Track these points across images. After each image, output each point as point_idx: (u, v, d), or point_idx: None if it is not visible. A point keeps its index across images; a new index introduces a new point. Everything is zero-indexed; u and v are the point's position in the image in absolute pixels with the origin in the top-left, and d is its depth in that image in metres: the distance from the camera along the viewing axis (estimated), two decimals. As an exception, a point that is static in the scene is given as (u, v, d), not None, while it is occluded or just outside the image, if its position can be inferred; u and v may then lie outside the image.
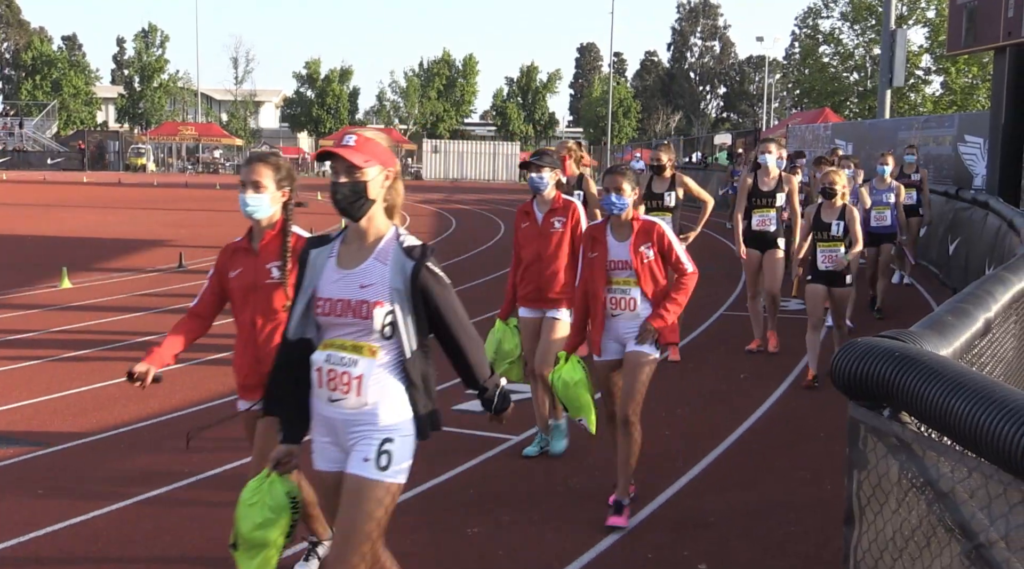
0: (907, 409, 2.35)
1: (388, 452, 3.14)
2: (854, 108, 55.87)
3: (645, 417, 7.16)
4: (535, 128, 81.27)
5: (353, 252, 3.23)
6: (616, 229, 5.21)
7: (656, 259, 5.12)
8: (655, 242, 5.12)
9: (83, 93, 76.90)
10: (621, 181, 5.08)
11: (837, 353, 2.58)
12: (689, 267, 5.12)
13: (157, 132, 71.10)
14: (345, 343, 3.15)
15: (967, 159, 19.59)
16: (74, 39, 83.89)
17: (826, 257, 8.16)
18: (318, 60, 78.82)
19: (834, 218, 8.16)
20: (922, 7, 52.64)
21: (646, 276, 5.10)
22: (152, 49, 77.62)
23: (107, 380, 7.94)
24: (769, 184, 9.44)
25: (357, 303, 3.12)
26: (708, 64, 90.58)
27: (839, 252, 8.12)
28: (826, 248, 8.17)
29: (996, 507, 2.01)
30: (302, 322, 3.24)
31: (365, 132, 3.24)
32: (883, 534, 2.44)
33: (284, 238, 4.06)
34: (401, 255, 3.16)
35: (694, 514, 5.30)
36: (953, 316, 3.18)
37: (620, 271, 5.12)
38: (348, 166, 3.11)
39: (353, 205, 3.16)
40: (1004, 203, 11.72)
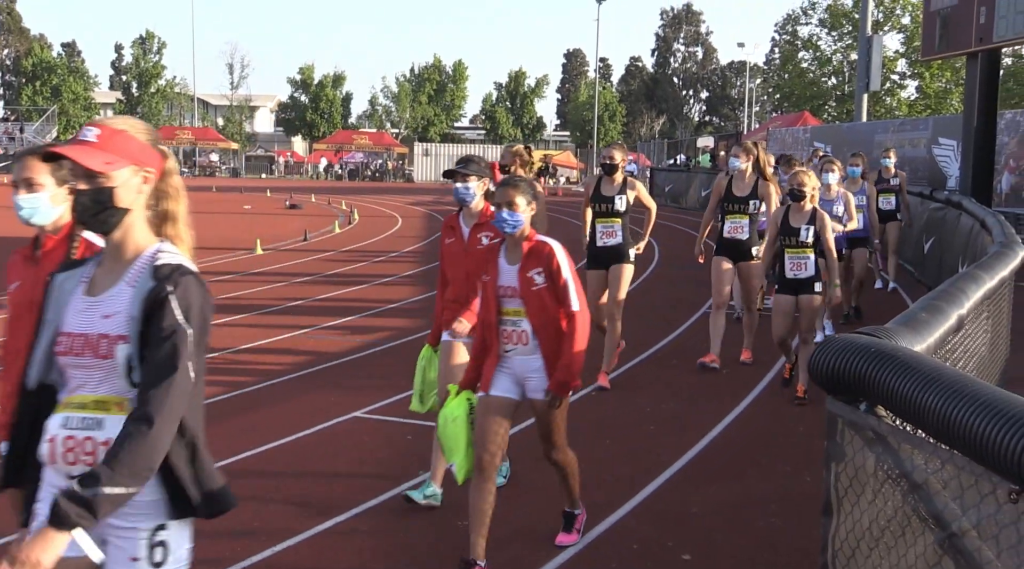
0: (883, 403, 2.36)
1: (163, 542, 2.38)
2: (832, 112, 56.04)
3: (631, 413, 7.19)
4: (523, 132, 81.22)
5: (104, 275, 2.44)
6: (509, 250, 4.44)
7: (547, 286, 4.34)
8: (545, 266, 4.33)
9: (82, 98, 76.55)
10: (514, 195, 4.33)
11: (816, 350, 2.59)
12: (575, 304, 4.31)
13: (155, 136, 70.77)
14: (86, 400, 2.37)
15: (941, 161, 19.68)
16: (73, 46, 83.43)
17: (794, 264, 7.46)
18: (312, 66, 78.58)
19: (803, 223, 7.43)
20: (897, 14, 52.85)
21: (533, 306, 4.34)
22: (150, 55, 77.35)
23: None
24: (744, 189, 8.63)
25: (96, 338, 2.35)
26: (691, 69, 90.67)
27: (809, 260, 7.45)
28: (794, 255, 7.46)
29: (968, 497, 2.02)
30: (45, 365, 2.45)
31: (115, 123, 2.46)
32: (860, 524, 2.45)
33: (70, 245, 3.28)
34: (147, 275, 2.38)
35: (678, 506, 5.31)
36: (927, 313, 3.20)
37: (509, 300, 4.37)
38: (85, 171, 2.36)
39: (96, 217, 2.38)
40: (976, 203, 11.75)
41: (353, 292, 13.28)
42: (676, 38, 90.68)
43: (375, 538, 4.77)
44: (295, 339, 9.80)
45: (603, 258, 7.95)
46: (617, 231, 7.89)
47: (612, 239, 7.89)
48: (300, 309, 11.76)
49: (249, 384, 7.84)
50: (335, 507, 5.14)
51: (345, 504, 5.19)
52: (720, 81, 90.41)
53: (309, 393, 7.64)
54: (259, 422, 6.78)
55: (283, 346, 9.44)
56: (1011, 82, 46.17)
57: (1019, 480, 1.79)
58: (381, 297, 12.70)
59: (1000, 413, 1.87)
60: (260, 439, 6.29)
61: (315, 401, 7.32)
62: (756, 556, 4.65)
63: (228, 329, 10.06)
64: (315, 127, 76.79)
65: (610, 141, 74.53)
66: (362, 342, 9.62)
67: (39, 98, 74.47)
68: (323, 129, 76.17)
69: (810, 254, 7.41)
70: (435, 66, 79.84)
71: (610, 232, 7.89)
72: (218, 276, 14.56)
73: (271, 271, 15.31)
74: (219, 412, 7.07)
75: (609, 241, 7.90)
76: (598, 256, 7.95)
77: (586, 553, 4.65)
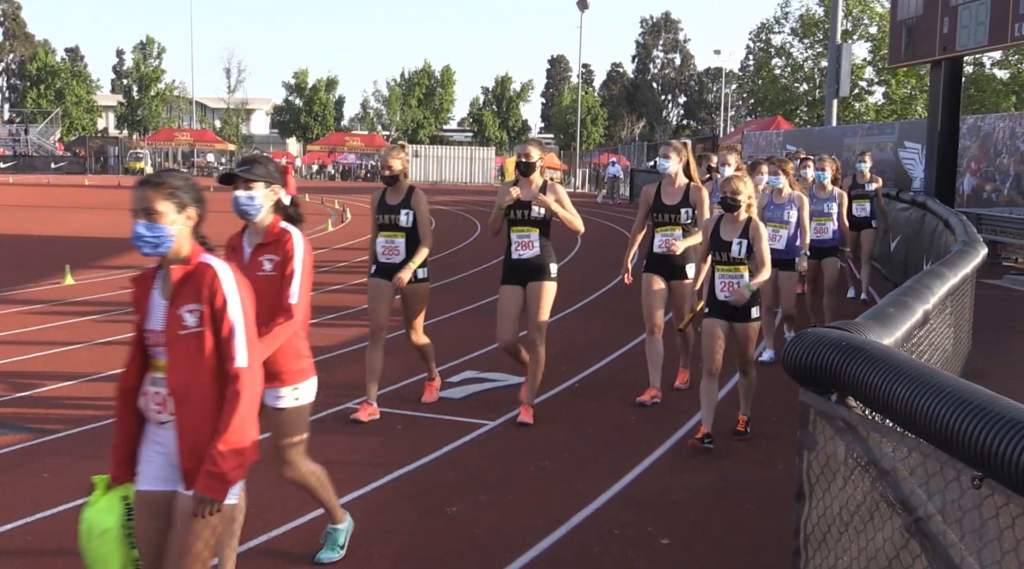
0: (853, 394, 2.37)
1: None
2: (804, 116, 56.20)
3: (616, 404, 7.19)
4: (509, 134, 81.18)
5: None
6: (165, 278, 3.08)
7: (200, 330, 2.93)
8: (205, 299, 2.94)
9: (84, 101, 76.05)
10: (153, 199, 3.02)
11: (789, 344, 2.60)
12: (240, 359, 2.92)
13: (154, 138, 70.59)
14: None
15: (906, 163, 19.78)
16: (76, 51, 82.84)
17: (726, 284, 6.08)
18: (306, 70, 78.26)
19: (735, 235, 6.06)
20: (865, 23, 53.01)
21: (175, 358, 2.92)
22: (150, 60, 76.89)
23: (109, 370, 7.86)
24: (674, 196, 7.11)
25: None
26: (669, 75, 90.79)
27: (741, 279, 6.05)
28: (726, 272, 6.10)
29: (933, 483, 2.03)
30: None
31: None
32: (831, 510, 2.46)
33: None
34: None
35: (658, 493, 5.32)
36: (894, 308, 3.22)
37: (156, 348, 3.01)
38: None
39: None
40: (940, 204, 11.82)
41: (345, 287, 13.25)
42: (655, 45, 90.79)
43: (366, 523, 4.76)
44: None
45: (520, 273, 6.58)
46: (534, 242, 6.54)
47: (528, 251, 6.54)
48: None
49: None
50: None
51: (337, 490, 5.17)
52: (697, 86, 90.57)
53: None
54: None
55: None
56: (972, 89, 46.41)
57: (981, 467, 1.80)
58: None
59: (963, 403, 1.88)
60: (257, 429, 6.26)
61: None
62: (731, 540, 4.67)
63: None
64: (309, 129, 76.54)
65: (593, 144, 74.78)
66: (353, 335, 9.60)
67: (43, 101, 73.94)
68: (316, 131, 75.95)
69: (744, 272, 6.06)
70: (424, 71, 79.70)
71: (526, 243, 6.54)
72: (216, 272, 14.53)
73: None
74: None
75: (525, 253, 6.55)
76: (514, 270, 6.59)
77: (569, 538, 4.65)
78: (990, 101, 46.93)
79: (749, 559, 4.46)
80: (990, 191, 17.34)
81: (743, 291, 5.92)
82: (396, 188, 6.56)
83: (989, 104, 46.34)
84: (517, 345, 6.71)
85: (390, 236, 6.53)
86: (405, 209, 6.50)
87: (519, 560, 4.37)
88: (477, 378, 7.83)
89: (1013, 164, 16.72)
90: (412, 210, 6.50)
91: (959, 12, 14.80)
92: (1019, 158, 16.54)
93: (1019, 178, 16.48)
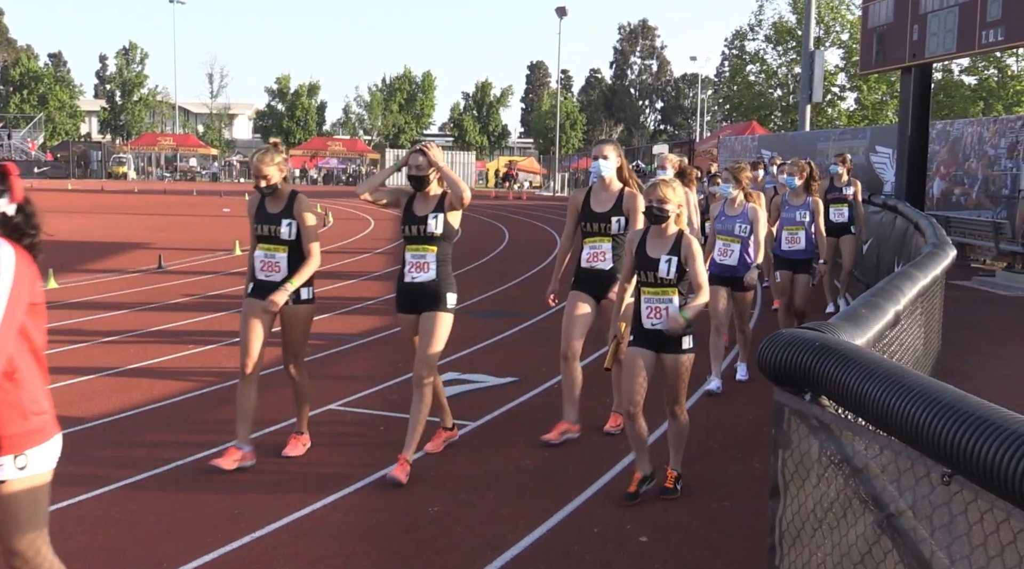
0: (826, 393, 2.39)
1: None
2: (778, 121, 56.58)
3: (596, 403, 7.20)
4: (489, 139, 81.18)
5: None
6: None
7: None
8: None
9: (68, 106, 75.41)
10: None
11: (763, 344, 2.62)
12: None
13: (137, 143, 70.15)
14: None
15: (878, 167, 19.94)
16: (59, 56, 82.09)
17: (652, 309, 5.05)
18: (288, 76, 78.01)
19: (664, 252, 5.07)
20: (837, 31, 53.43)
21: None
22: (133, 65, 76.41)
23: (92, 374, 7.80)
24: (605, 202, 6.13)
25: None
26: (647, 81, 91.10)
27: (671, 304, 5.02)
28: (653, 295, 5.06)
29: (904, 480, 2.05)
30: None
31: None
32: (805, 507, 2.48)
33: None
34: None
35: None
36: (866, 309, 3.24)
37: None
38: None
39: None
40: (911, 207, 11.92)
41: (328, 290, 13.20)
42: (633, 51, 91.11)
43: (351, 522, 4.75)
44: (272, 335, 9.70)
45: (413, 299, 5.61)
46: (431, 263, 5.55)
47: (423, 274, 5.54)
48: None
49: (231, 377, 7.76)
50: (312, 494, 5.11)
51: (322, 490, 5.16)
52: (674, 92, 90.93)
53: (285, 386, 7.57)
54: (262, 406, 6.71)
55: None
56: (941, 95, 46.88)
57: (950, 463, 1.82)
58: (355, 294, 12.63)
59: (933, 402, 1.90)
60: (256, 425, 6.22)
61: (291, 395, 7.25)
62: (708, 536, 4.69)
63: (209, 323, 9.97)
64: (291, 134, 76.29)
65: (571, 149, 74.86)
66: (337, 338, 9.56)
67: (26, 106, 73.27)
68: (299, 136, 75.70)
69: (674, 296, 5.02)
70: (406, 76, 79.61)
71: (421, 264, 5.55)
72: (199, 275, 14.44)
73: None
74: (201, 403, 7.00)
75: (419, 276, 5.56)
76: (407, 295, 5.63)
77: (549, 536, 4.66)
78: (959, 107, 47.41)
79: (727, 555, 4.48)
80: (959, 194, 17.50)
81: (677, 318, 4.90)
82: (276, 194, 5.69)
83: (958, 110, 46.81)
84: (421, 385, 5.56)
85: (270, 250, 5.63)
86: (287, 219, 5.62)
87: (500, 559, 4.37)
88: (459, 379, 7.83)
89: (981, 168, 16.89)
90: (294, 220, 5.63)
91: (928, 20, 14.95)
92: (987, 162, 16.72)
93: (987, 182, 16.66)
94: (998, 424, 1.73)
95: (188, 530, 4.64)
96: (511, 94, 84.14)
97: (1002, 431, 1.71)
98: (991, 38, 13.56)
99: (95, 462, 5.67)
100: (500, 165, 68.05)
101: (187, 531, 4.63)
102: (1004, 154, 16.17)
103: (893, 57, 16.25)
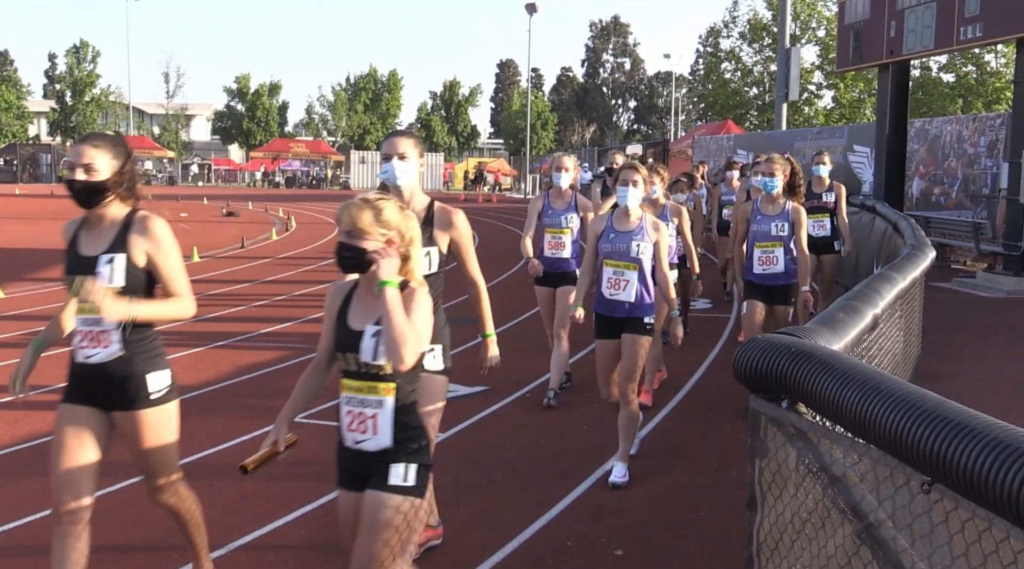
0: (803, 400, 2.40)
1: None
2: (754, 120, 57.07)
3: (567, 413, 7.20)
4: (458, 140, 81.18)
5: None
6: None
7: None
8: None
9: (15, 107, 74.41)
10: None
11: (739, 350, 2.62)
12: None
13: (89, 145, 69.22)
14: None
15: (856, 167, 20.16)
16: (5, 55, 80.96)
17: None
18: (248, 75, 77.53)
19: None
20: (813, 27, 54.02)
21: None
22: (84, 64, 75.54)
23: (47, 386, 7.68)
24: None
25: None
26: (619, 79, 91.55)
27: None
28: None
29: (883, 489, 2.06)
30: None
31: None
32: (783, 517, 2.48)
33: None
34: None
35: (611, 502, 5.34)
36: (844, 313, 3.26)
37: None
38: None
39: None
40: (889, 208, 12.05)
41: (290, 299, 13.11)
42: (605, 49, 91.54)
43: (314, 541, 4.70)
44: (233, 345, 9.63)
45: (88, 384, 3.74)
46: (111, 338, 3.56)
47: (102, 351, 3.63)
48: (236, 316, 11.56)
49: (186, 391, 7.68)
50: (274, 511, 5.05)
51: (284, 508, 5.10)
52: (648, 91, 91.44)
53: (244, 399, 7.51)
54: (196, 429, 6.64)
55: (219, 353, 9.27)
56: (920, 92, 47.51)
57: (930, 471, 1.82)
58: (317, 303, 12.55)
59: (912, 408, 1.91)
60: (197, 446, 6.16)
61: (251, 407, 7.20)
62: (686, 548, 4.69)
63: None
64: (252, 135, 75.83)
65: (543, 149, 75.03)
66: (300, 347, 9.49)
67: (-30, 107, 72.27)
68: (260, 137, 75.26)
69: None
70: (371, 75, 79.43)
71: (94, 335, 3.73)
72: (155, 284, 14.29)
73: (209, 278, 15.04)
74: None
75: (93, 356, 3.68)
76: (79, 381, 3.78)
77: (521, 551, 4.64)
78: (937, 105, 48.09)
79: (704, 567, 4.49)
80: (938, 194, 17.73)
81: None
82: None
83: (936, 108, 47.48)
84: None
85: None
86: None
87: (470, 575, 4.35)
88: (426, 389, 7.79)
89: (960, 167, 17.11)
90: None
91: (906, 16, 15.14)
92: (966, 161, 16.94)
93: (967, 181, 16.88)
94: (979, 431, 1.74)
95: (144, 552, 4.57)
96: (480, 93, 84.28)
97: (983, 438, 1.72)
98: (970, 34, 13.75)
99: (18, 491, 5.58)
100: (469, 167, 68.08)
101: (143, 553, 4.56)
102: (984, 153, 16.41)
103: (870, 54, 16.44)
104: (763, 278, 6.91)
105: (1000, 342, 10.03)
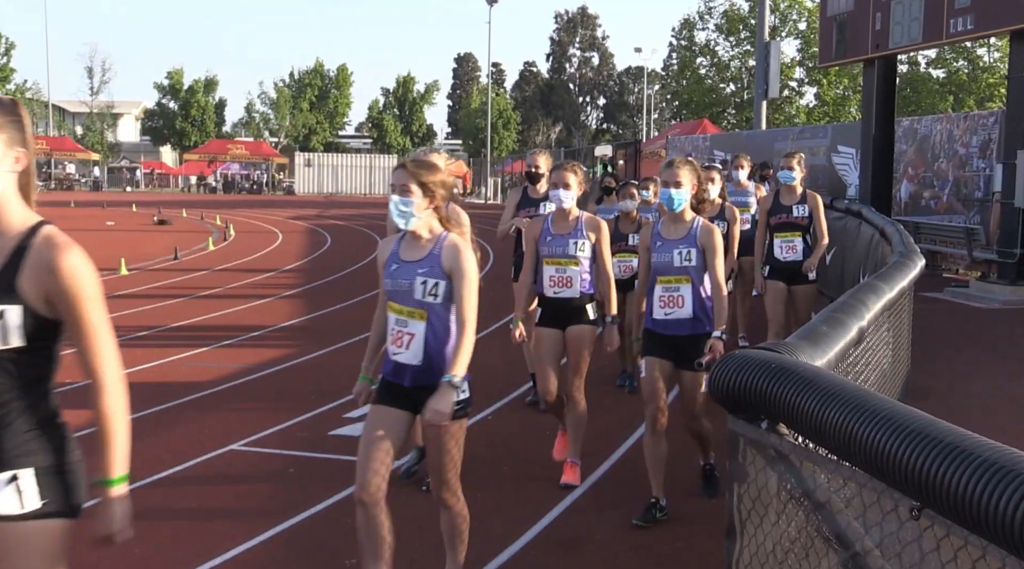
0: (784, 420, 2.41)
1: None
2: (731, 119, 57.66)
3: (535, 439, 7.19)
4: (412, 140, 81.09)
5: None
6: None
7: None
8: None
9: (-81, 105, 73.18)
10: None
11: (715, 366, 2.64)
12: None
13: (4, 146, 68.29)
14: None
15: (840, 169, 20.40)
16: (-91, 47, 79.78)
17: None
18: (181, 70, 76.95)
19: None
20: (794, 19, 54.76)
21: None
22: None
23: None
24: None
25: None
26: (587, 75, 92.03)
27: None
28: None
29: (870, 515, 2.08)
30: None
31: None
32: (764, 547, 2.50)
33: None
34: None
35: (581, 532, 5.34)
36: (827, 326, 3.29)
37: None
38: None
39: None
40: (876, 212, 12.19)
41: (229, 314, 12.99)
42: (571, 42, 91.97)
43: (255, 581, 4.65)
44: (164, 367, 9.52)
45: None
46: None
47: None
48: (169, 335, 11.44)
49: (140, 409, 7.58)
50: (212, 550, 4.99)
51: (223, 546, 5.05)
52: (617, 87, 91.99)
53: (179, 425, 7.43)
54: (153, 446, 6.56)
55: (150, 375, 9.16)
56: (907, 89, 48.30)
57: (919, 495, 1.84)
58: (259, 319, 12.45)
59: (901, 428, 1.93)
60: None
61: (187, 435, 7.12)
62: (661, 583, 4.70)
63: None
64: (185, 136, 75.21)
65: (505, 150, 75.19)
66: (238, 369, 9.41)
67: None
68: (195, 138, 74.67)
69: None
70: (317, 71, 79.18)
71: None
72: (78, 299, 14.09)
73: (137, 293, 14.87)
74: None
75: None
76: None
77: (483, 588, 4.62)
78: (926, 102, 48.90)
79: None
80: (928, 198, 17.99)
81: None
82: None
83: (925, 105, 48.27)
84: None
85: None
86: None
87: (428, 616, 4.33)
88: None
89: (951, 169, 17.38)
90: None
91: (892, 8, 15.36)
92: (958, 162, 17.20)
93: (958, 184, 17.14)
94: (971, 452, 1.76)
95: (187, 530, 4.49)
96: (437, 90, 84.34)
97: (976, 459, 1.73)
98: (960, 27, 13.96)
99: None
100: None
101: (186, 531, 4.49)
102: (976, 153, 16.68)
103: (855, 48, 16.66)
104: (666, 326, 5.57)
105: (995, 356, 10.18)
